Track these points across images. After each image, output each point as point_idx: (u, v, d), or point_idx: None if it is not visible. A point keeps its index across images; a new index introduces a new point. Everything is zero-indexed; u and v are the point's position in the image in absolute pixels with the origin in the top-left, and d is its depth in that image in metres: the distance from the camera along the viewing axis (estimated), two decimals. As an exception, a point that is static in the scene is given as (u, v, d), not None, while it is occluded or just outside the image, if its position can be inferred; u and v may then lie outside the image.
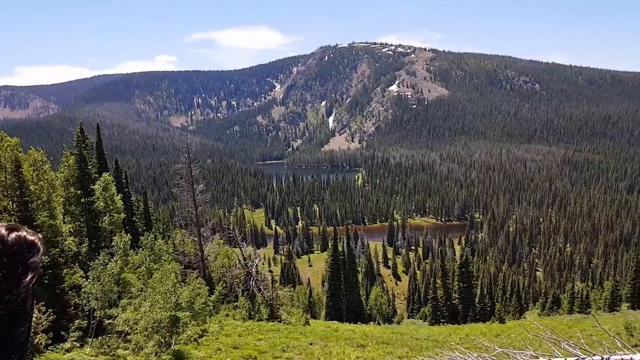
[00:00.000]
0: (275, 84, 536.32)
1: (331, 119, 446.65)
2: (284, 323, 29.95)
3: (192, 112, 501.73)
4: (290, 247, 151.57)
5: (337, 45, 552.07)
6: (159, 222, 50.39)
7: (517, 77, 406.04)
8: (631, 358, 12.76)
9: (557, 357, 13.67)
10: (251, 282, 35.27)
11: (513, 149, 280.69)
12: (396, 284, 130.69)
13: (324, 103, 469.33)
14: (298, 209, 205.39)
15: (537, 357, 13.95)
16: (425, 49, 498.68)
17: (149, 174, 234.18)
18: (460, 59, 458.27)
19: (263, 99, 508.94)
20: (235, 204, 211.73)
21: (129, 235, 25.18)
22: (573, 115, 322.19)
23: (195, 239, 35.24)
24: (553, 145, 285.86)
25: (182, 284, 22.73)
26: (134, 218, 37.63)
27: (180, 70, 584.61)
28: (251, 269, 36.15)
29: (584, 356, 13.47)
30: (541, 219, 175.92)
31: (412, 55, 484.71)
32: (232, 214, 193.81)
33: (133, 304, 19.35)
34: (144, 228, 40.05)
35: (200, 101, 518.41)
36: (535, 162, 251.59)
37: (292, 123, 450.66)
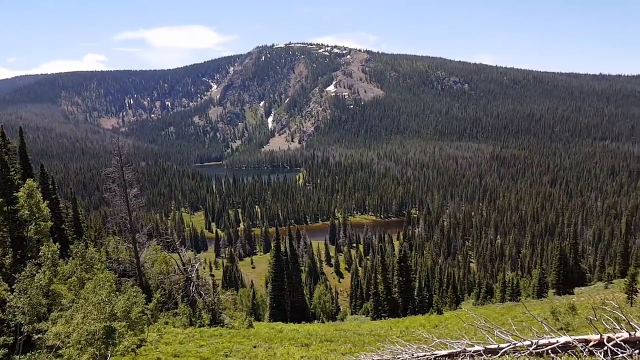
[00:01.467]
0: (212, 84, 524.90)
1: (270, 119, 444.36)
2: (226, 327, 29.40)
3: (124, 113, 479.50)
4: (232, 249, 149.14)
5: (273, 45, 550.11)
6: (91, 229, 47.74)
7: (448, 77, 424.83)
8: (557, 341, 13.73)
9: (491, 344, 14.44)
10: (191, 288, 34.26)
11: (445, 146, 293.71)
12: (339, 282, 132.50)
13: (262, 103, 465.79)
14: (239, 210, 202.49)
15: (472, 345, 14.66)
16: (360, 50, 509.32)
17: (79, 179, 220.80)
18: (394, 60, 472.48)
19: (199, 99, 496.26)
20: (172, 207, 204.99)
21: (57, 244, 23.76)
22: (500, 114, 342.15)
23: (130, 245, 33.68)
24: (482, 142, 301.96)
25: (118, 293, 21.69)
26: (62, 226, 35.48)
27: (110, 70, 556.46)
28: (191, 274, 35.12)
29: (516, 342, 14.32)
30: (473, 213, 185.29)
31: (348, 56, 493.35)
32: (169, 218, 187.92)
33: (64, 316, 18.26)
34: (74, 236, 37.83)
35: (132, 102, 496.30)
36: (466, 159, 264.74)
37: (230, 123, 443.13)
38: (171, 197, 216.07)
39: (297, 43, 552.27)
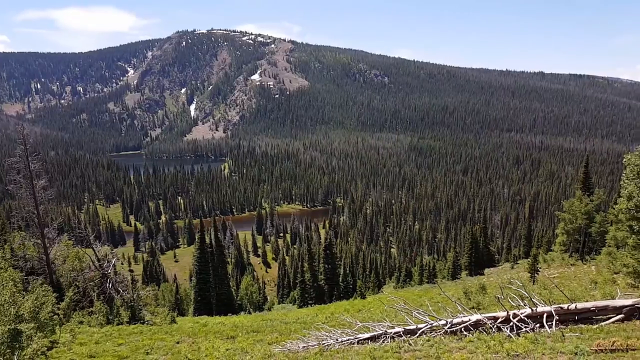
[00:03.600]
0: (128, 69, 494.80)
1: (193, 107, 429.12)
2: (147, 324, 28.32)
3: (30, 99, 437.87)
4: (153, 243, 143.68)
5: (195, 30, 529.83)
6: (-10, 226, 43.32)
7: (369, 70, 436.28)
8: (469, 319, 14.81)
9: (410, 325, 15.24)
10: (108, 285, 32.49)
11: (367, 137, 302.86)
12: (266, 272, 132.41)
13: (184, 90, 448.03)
14: (160, 202, 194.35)
15: (393, 327, 15.38)
16: (284, 40, 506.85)
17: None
18: (317, 52, 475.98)
19: (114, 84, 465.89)
20: (86, 200, 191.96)
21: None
22: (417, 106, 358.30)
23: (39, 241, 31.12)
24: (401, 133, 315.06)
25: (24, 292, 20.01)
26: (-45, 223, 31.88)
27: (14, 52, 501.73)
28: (107, 270, 33.27)
29: (432, 322, 15.26)
30: (393, 201, 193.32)
31: (272, 46, 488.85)
32: (83, 211, 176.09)
33: (-40, 323, 16.48)
34: (-29, 234, 34.11)
35: (39, 86, 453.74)
36: (386, 149, 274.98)
37: (149, 111, 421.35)
38: (84, 189, 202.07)
39: (220, 30, 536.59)
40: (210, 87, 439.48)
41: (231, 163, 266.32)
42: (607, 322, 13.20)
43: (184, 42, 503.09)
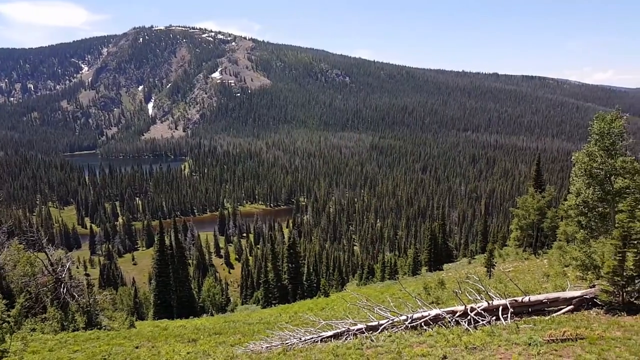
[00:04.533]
0: (82, 66, 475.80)
1: (150, 105, 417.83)
2: (105, 329, 27.42)
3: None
4: (110, 246, 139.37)
5: (152, 27, 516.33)
6: None
7: (331, 70, 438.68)
8: (429, 314, 15.18)
9: (372, 321, 15.47)
10: (62, 290, 31.20)
11: (330, 136, 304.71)
12: (229, 273, 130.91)
13: (141, 88, 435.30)
14: (117, 203, 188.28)
15: (355, 324, 15.57)
16: (245, 38, 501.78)
17: None
18: (279, 50, 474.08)
19: (68, 81, 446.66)
20: (38, 202, 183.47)
21: None
22: (378, 106, 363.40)
23: (-15, 247, 29.52)
24: (363, 132, 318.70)
25: (-31, 302, 18.90)
26: None
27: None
28: (61, 275, 31.94)
29: (393, 317, 15.54)
30: (355, 199, 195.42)
31: (233, 44, 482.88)
32: (35, 213, 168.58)
33: None
34: None
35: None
36: (348, 148, 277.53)
37: (104, 109, 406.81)
38: (36, 190, 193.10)
39: (179, 26, 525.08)
40: (169, 84, 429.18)
41: (192, 163, 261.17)
42: (558, 313, 13.87)
43: (140, 39, 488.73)
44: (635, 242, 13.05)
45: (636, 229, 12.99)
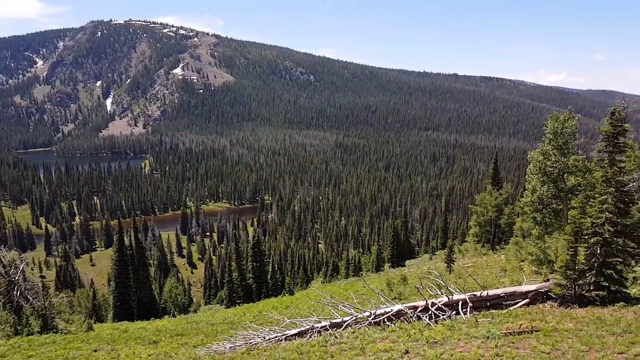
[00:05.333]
0: (37, 60, 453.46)
1: (109, 101, 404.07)
2: (61, 333, 26.44)
3: None
4: (67, 246, 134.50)
5: (111, 20, 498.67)
6: None
7: (295, 68, 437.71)
8: (391, 309, 15.38)
9: (336, 318, 15.56)
10: (15, 293, 29.83)
11: (295, 134, 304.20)
12: (192, 272, 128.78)
13: (99, 83, 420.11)
14: (74, 202, 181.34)
15: (320, 322, 15.62)
16: (208, 34, 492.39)
17: None
18: (243, 47, 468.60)
19: (21, 76, 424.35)
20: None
21: None
22: (342, 105, 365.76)
23: None
24: (327, 131, 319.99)
25: None
26: None
27: None
28: (15, 277, 30.51)
29: (357, 314, 15.69)
30: (320, 197, 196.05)
31: (195, 39, 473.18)
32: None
33: None
34: None
35: None
36: (313, 146, 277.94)
37: (60, 105, 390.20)
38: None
39: (139, 21, 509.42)
40: (129, 80, 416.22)
41: (152, 160, 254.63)
42: (515, 306, 14.40)
43: (99, 33, 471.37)
44: (586, 237, 13.70)
45: (587, 225, 13.64)
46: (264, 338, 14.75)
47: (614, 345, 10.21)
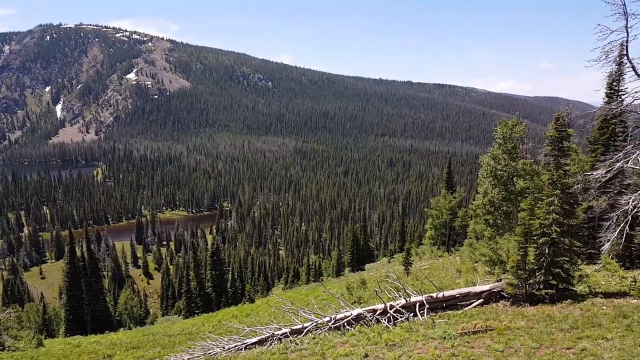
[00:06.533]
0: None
1: (59, 107, 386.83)
2: (8, 350, 25.07)
3: None
4: (15, 259, 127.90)
5: (61, 24, 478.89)
6: None
7: (253, 74, 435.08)
8: (351, 314, 15.54)
9: (296, 325, 15.56)
10: (-46, 312, 28.01)
11: (253, 140, 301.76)
12: (148, 283, 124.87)
13: (48, 89, 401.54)
14: (22, 213, 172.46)
15: (280, 329, 15.58)
16: (163, 39, 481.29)
17: None
18: (199, 52, 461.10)
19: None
20: None
21: None
22: (300, 111, 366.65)
23: None
24: (286, 137, 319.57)
25: None
26: None
27: None
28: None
29: (317, 319, 15.75)
30: (280, 203, 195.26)
31: (150, 44, 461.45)
32: None
33: None
34: None
35: None
36: (272, 152, 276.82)
37: (7, 111, 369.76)
38: None
39: (90, 25, 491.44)
40: (80, 85, 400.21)
41: (105, 168, 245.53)
42: (470, 307, 14.86)
43: (48, 37, 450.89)
44: (535, 238, 14.35)
45: (536, 226, 14.29)
46: (224, 348, 14.55)
47: (562, 341, 10.68)
